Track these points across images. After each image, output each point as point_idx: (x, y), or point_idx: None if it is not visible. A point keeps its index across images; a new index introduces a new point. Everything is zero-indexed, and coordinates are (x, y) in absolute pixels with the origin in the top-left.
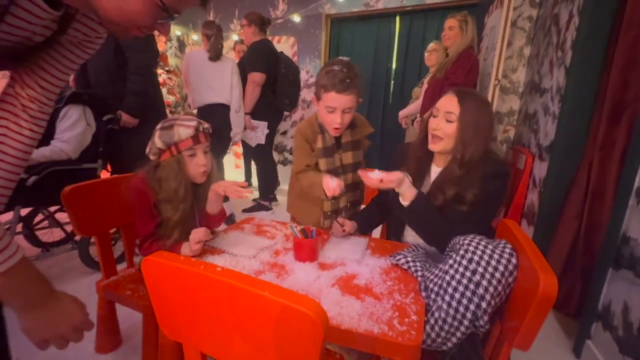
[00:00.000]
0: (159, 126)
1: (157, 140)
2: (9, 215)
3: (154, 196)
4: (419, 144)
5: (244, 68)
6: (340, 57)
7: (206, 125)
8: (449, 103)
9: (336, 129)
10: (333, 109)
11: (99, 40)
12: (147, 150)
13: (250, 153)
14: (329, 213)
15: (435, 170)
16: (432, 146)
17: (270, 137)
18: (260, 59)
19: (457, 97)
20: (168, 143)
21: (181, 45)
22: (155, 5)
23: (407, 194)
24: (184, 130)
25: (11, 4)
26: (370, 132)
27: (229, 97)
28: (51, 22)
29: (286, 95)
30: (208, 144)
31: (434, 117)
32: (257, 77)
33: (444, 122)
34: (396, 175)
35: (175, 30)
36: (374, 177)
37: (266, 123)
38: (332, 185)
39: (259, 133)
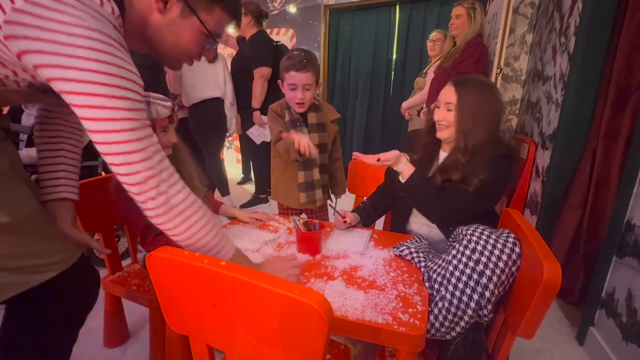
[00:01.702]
0: None
1: None
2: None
3: None
4: (427, 131)
5: (245, 61)
6: (300, 47)
7: (176, 107)
8: (447, 93)
9: (299, 104)
10: (295, 86)
11: None
12: None
13: (250, 147)
14: (303, 184)
15: (443, 156)
16: (439, 134)
17: None
18: (265, 52)
19: (455, 86)
20: None
21: None
22: (202, 34)
23: (405, 172)
24: (162, 109)
25: None
26: (337, 118)
27: (224, 89)
28: None
29: None
30: (177, 123)
31: (438, 108)
32: (265, 72)
33: (446, 112)
34: (392, 153)
35: None
36: (371, 157)
37: None
38: (302, 140)
39: (267, 130)
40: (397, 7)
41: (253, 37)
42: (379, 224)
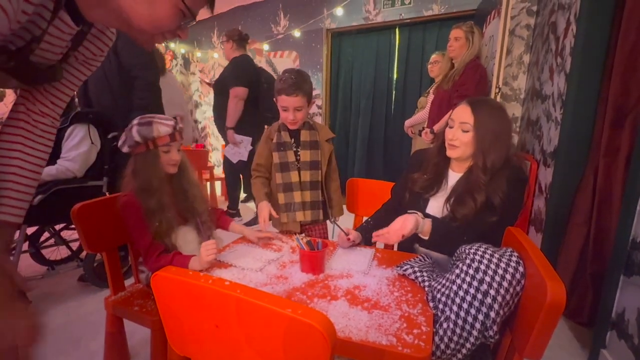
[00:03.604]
0: (135, 122)
1: (135, 134)
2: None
3: (141, 202)
4: (436, 151)
5: (224, 82)
6: (292, 67)
7: (181, 125)
8: (462, 113)
9: (292, 123)
10: (286, 108)
11: (100, 59)
12: (120, 143)
13: (226, 164)
14: (283, 205)
15: (452, 175)
16: (450, 152)
17: (253, 152)
18: (242, 73)
19: (471, 107)
20: (146, 137)
21: (186, 62)
22: (178, 9)
23: (425, 230)
24: (163, 127)
25: (49, 25)
26: (332, 137)
27: (185, 108)
28: (68, 40)
29: (269, 109)
30: (182, 142)
31: (450, 127)
32: (240, 92)
33: (460, 132)
34: (410, 222)
35: (181, 48)
36: (394, 234)
37: (250, 139)
38: (263, 214)
39: (242, 149)
40: (397, 30)
41: (233, 59)
42: (380, 243)
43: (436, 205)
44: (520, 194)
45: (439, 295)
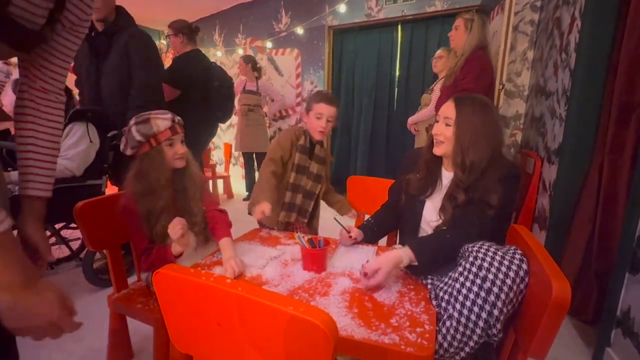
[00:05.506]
0: (132, 122)
1: (136, 134)
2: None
3: (140, 206)
4: (427, 148)
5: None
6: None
7: (178, 117)
8: (447, 109)
9: (321, 132)
10: (321, 115)
11: (86, 24)
12: (122, 147)
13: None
14: (287, 204)
15: (446, 175)
16: (436, 149)
17: (201, 149)
18: (179, 75)
19: (455, 102)
20: (147, 135)
21: None
22: None
23: (409, 259)
24: (162, 122)
25: None
26: (331, 160)
27: None
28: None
29: (219, 108)
30: (183, 134)
31: (437, 122)
32: (167, 90)
33: (444, 127)
34: (386, 266)
35: None
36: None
37: None
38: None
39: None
40: (399, 26)
41: (176, 59)
42: (382, 242)
43: (432, 208)
44: (514, 191)
45: (441, 294)
